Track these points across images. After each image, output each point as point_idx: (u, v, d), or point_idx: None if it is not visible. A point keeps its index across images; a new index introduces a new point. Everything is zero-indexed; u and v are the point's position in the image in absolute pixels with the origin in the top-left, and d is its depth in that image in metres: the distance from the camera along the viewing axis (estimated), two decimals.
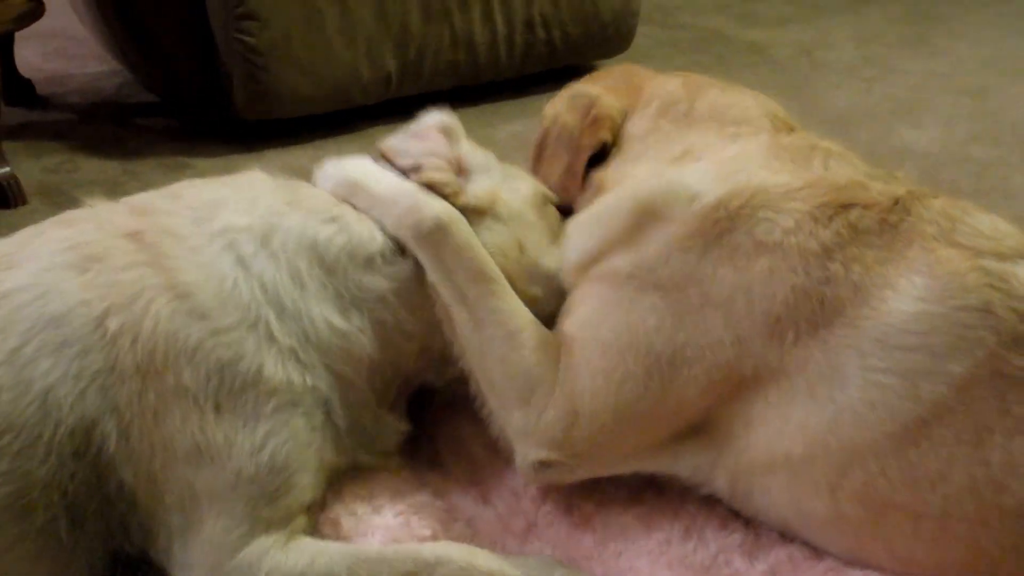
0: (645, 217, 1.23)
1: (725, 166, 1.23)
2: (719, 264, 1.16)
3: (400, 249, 1.35)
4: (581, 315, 1.26)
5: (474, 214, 1.38)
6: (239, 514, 1.16)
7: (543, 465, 1.24)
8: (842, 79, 3.42)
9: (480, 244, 1.34)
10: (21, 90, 3.20)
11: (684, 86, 1.45)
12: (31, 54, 3.51)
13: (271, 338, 1.21)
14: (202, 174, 2.65)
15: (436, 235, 1.29)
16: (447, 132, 1.45)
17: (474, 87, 3.12)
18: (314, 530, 1.26)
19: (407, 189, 1.34)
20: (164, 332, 1.16)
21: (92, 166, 2.75)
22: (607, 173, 1.41)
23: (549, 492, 1.35)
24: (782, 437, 1.14)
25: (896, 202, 1.15)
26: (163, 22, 2.84)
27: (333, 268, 1.30)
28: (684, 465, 1.23)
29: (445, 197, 1.36)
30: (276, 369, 1.20)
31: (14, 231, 1.33)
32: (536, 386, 1.23)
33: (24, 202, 2.52)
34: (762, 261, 1.13)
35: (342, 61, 2.86)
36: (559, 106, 1.51)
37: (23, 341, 1.15)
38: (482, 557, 1.18)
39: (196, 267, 1.21)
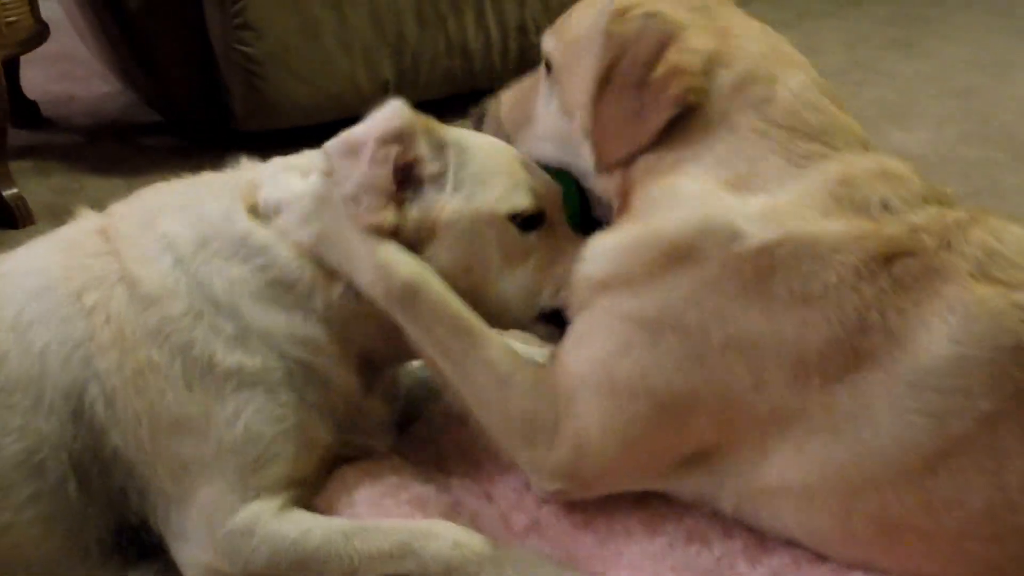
0: (678, 257, 1.14)
1: (780, 209, 1.12)
2: (750, 308, 1.10)
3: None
4: (593, 353, 1.19)
5: (417, 241, 1.29)
6: (229, 481, 1.20)
7: (557, 492, 1.24)
8: (832, 83, 3.38)
9: (455, 295, 1.27)
10: (27, 112, 3.21)
11: (770, 57, 1.23)
12: (36, 76, 3.50)
13: (216, 327, 1.23)
14: None
15: (408, 299, 1.24)
16: (399, 138, 1.28)
17: (470, 94, 3.11)
18: (310, 509, 1.26)
19: (371, 248, 1.24)
20: (127, 314, 1.23)
21: (98, 185, 2.75)
22: (661, 183, 1.19)
23: None
24: (798, 468, 1.12)
25: (942, 241, 1.10)
26: (164, 40, 2.84)
27: (273, 282, 1.27)
28: (688, 487, 1.21)
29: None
30: (225, 355, 1.22)
31: None
32: (538, 427, 1.20)
33: (32, 222, 2.52)
34: (798, 311, 1.09)
35: (340, 70, 2.85)
36: (629, 28, 1.21)
37: (20, 308, 1.25)
38: (476, 539, 1.19)
39: (141, 261, 1.27)
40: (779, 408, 1.11)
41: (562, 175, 1.39)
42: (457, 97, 3.13)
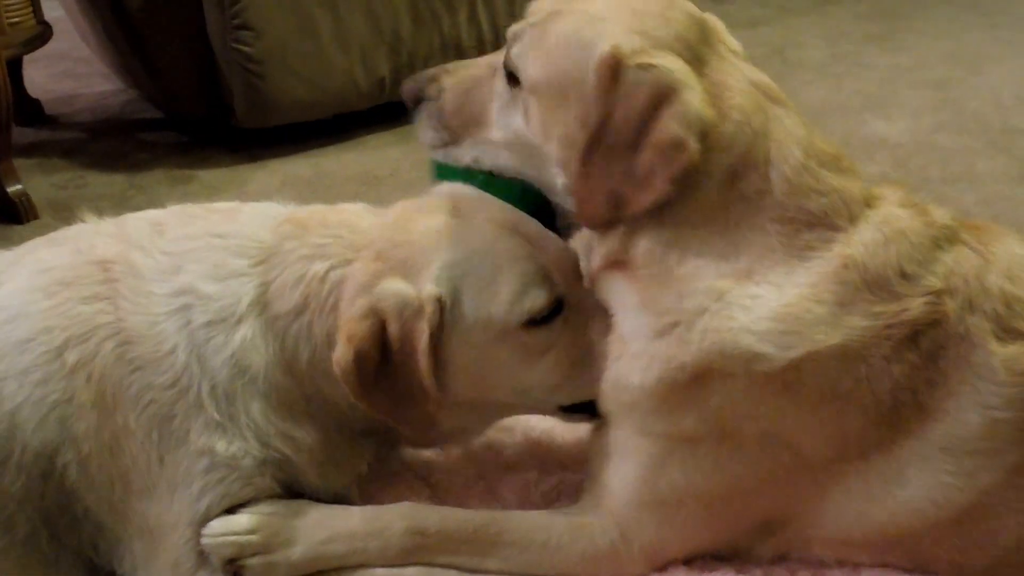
0: (702, 380, 1.09)
1: (794, 315, 1.06)
2: (783, 408, 1.08)
3: None
4: (632, 473, 1.16)
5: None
6: (187, 548, 1.15)
7: None
8: (814, 76, 3.39)
9: (455, 510, 1.23)
10: (30, 110, 3.17)
11: (762, 122, 1.11)
12: (39, 76, 3.47)
13: (200, 406, 1.15)
14: (208, 185, 2.65)
15: (417, 541, 1.18)
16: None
17: None
18: None
19: (364, 519, 1.20)
20: (111, 375, 1.14)
21: (100, 181, 2.71)
22: (670, 282, 1.10)
23: (562, 488, 1.33)
24: (836, 523, 1.14)
25: (964, 303, 1.09)
26: (165, 40, 2.80)
27: (301, 378, 1.19)
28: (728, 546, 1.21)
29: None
30: (200, 436, 1.15)
31: None
32: (601, 561, 1.18)
33: (36, 217, 2.49)
34: (833, 405, 1.08)
35: (337, 68, 2.83)
36: (625, 81, 1.06)
37: None
38: (440, 574, 1.17)
39: (144, 315, 1.16)
40: (818, 478, 1.12)
41: (514, 183, 1.24)
42: None
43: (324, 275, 1.17)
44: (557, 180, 1.16)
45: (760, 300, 1.07)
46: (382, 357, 1.11)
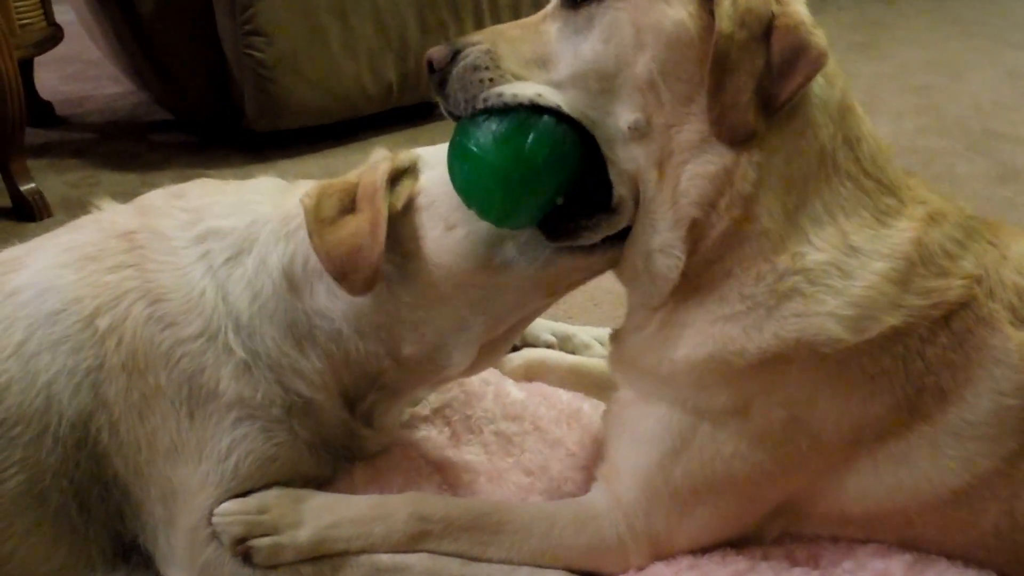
0: (755, 369, 1.06)
1: (868, 304, 1.04)
2: (820, 391, 1.07)
3: None
4: (648, 457, 1.12)
5: None
6: (206, 515, 1.15)
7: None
8: None
9: (460, 499, 1.23)
10: (42, 112, 3.15)
11: (839, 92, 1.09)
12: (50, 78, 3.45)
13: (228, 350, 1.15)
14: None
15: (422, 526, 1.16)
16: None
17: None
18: None
19: (369, 504, 1.20)
20: (142, 336, 1.14)
21: (112, 180, 2.70)
22: (774, 190, 1.04)
23: (570, 475, 1.32)
24: (838, 502, 1.13)
25: (986, 290, 1.09)
26: (177, 45, 2.79)
27: (299, 288, 1.19)
28: (736, 536, 1.19)
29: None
30: (230, 383, 1.15)
31: None
32: (605, 553, 1.15)
33: (49, 215, 2.48)
34: (867, 386, 1.06)
35: (346, 73, 2.82)
36: None
37: (27, 336, 1.14)
38: (443, 562, 1.15)
39: (172, 271, 1.17)
40: (832, 462, 1.10)
41: (551, 127, 1.07)
42: None
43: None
44: (624, 119, 1.05)
45: (850, 280, 1.04)
46: (348, 206, 1.15)
